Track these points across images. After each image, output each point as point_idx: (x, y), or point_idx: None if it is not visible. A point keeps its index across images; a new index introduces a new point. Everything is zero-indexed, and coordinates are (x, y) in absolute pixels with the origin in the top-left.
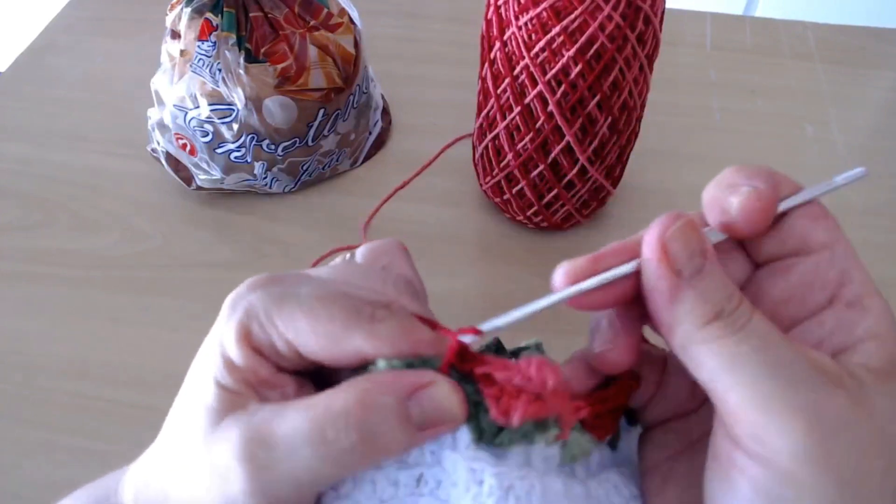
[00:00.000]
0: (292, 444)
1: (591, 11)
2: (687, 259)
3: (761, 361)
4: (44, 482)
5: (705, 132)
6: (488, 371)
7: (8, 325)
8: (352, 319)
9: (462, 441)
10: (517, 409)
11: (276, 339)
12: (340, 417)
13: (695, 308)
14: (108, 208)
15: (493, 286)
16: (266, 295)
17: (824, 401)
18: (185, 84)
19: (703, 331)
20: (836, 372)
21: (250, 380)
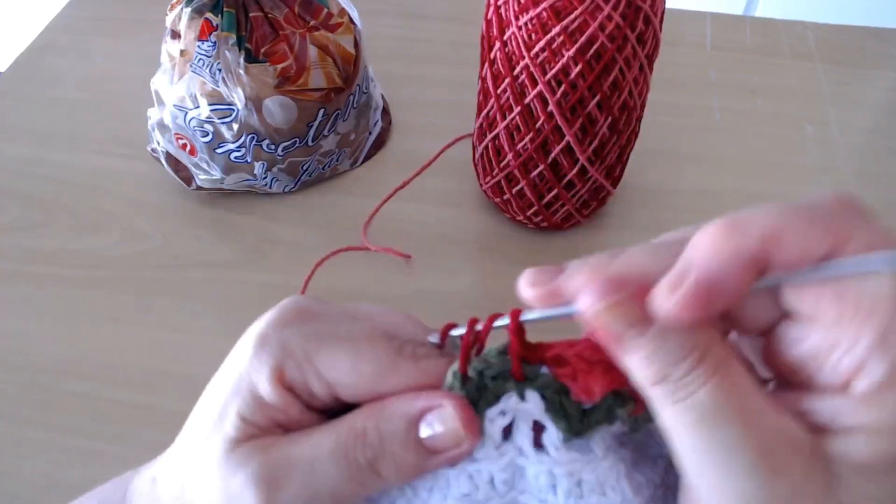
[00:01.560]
0: (313, 461)
1: (591, 11)
2: (623, 329)
3: (699, 440)
4: (44, 482)
5: (705, 132)
6: (557, 352)
7: (8, 325)
8: (392, 358)
9: (552, 442)
10: (596, 381)
11: (312, 380)
12: (359, 436)
13: (639, 370)
14: (108, 208)
15: (493, 286)
16: (303, 334)
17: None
18: (185, 84)
19: (649, 389)
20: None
21: (279, 418)
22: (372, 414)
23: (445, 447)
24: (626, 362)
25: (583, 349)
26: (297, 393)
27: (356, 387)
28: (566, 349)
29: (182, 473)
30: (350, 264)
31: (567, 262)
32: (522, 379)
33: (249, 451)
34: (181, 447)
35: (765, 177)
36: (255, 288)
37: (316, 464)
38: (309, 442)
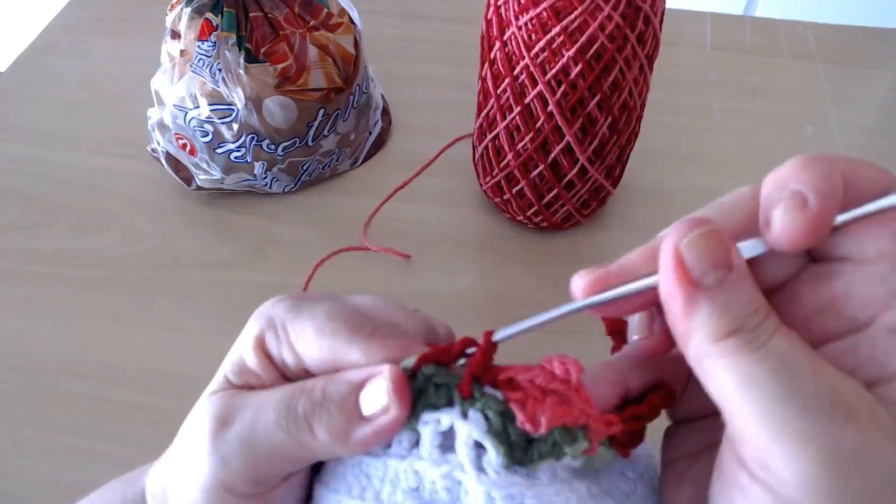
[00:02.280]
0: (259, 406)
1: (591, 11)
2: (705, 270)
3: (776, 385)
4: (44, 482)
5: (705, 132)
6: (510, 375)
7: (8, 325)
8: (350, 335)
9: (490, 464)
10: (544, 411)
11: (285, 350)
12: (305, 391)
13: (710, 321)
14: (108, 208)
15: (493, 286)
16: (286, 308)
17: (841, 435)
18: (185, 84)
19: (717, 345)
20: (865, 403)
21: (253, 382)
22: (324, 377)
23: (375, 414)
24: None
25: (537, 375)
26: (275, 362)
27: (317, 358)
28: (521, 373)
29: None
30: (350, 264)
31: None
32: (468, 395)
33: (215, 397)
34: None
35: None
36: (255, 288)
37: (261, 408)
38: (264, 392)
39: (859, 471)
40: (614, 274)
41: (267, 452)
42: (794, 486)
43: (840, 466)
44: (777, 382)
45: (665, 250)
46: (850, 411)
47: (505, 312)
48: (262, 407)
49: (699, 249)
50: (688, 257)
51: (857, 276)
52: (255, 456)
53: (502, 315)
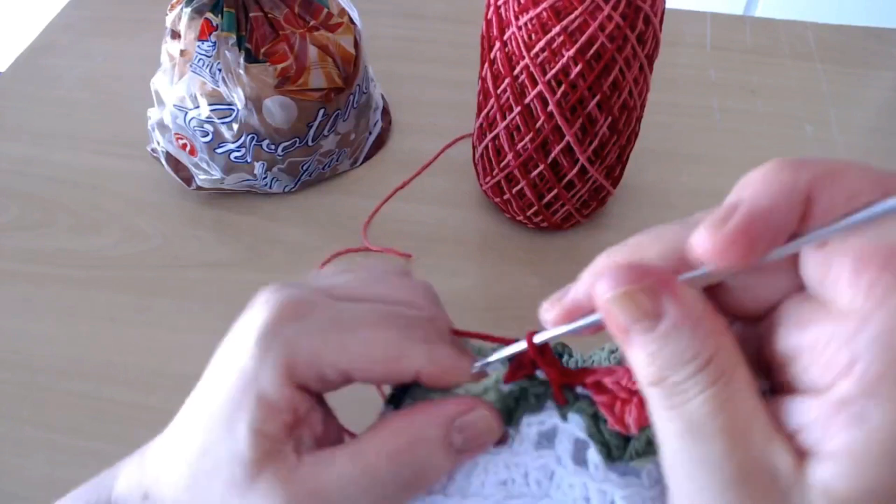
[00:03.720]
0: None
1: (591, 11)
2: (631, 321)
3: (679, 448)
4: (44, 482)
5: (705, 132)
6: (597, 379)
7: (8, 325)
8: (406, 343)
9: (592, 462)
10: (631, 412)
11: (327, 372)
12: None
13: (638, 366)
14: (108, 208)
15: (493, 286)
16: (307, 330)
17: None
18: (185, 84)
19: (646, 388)
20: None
21: (289, 421)
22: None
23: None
24: (629, 356)
25: (622, 376)
26: (310, 389)
27: (370, 371)
28: (605, 376)
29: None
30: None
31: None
32: (564, 403)
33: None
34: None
35: None
36: (255, 288)
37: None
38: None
39: None
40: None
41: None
42: None
43: None
44: (681, 446)
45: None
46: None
47: (505, 312)
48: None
49: (622, 306)
50: (614, 311)
51: (826, 333)
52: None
53: (502, 315)
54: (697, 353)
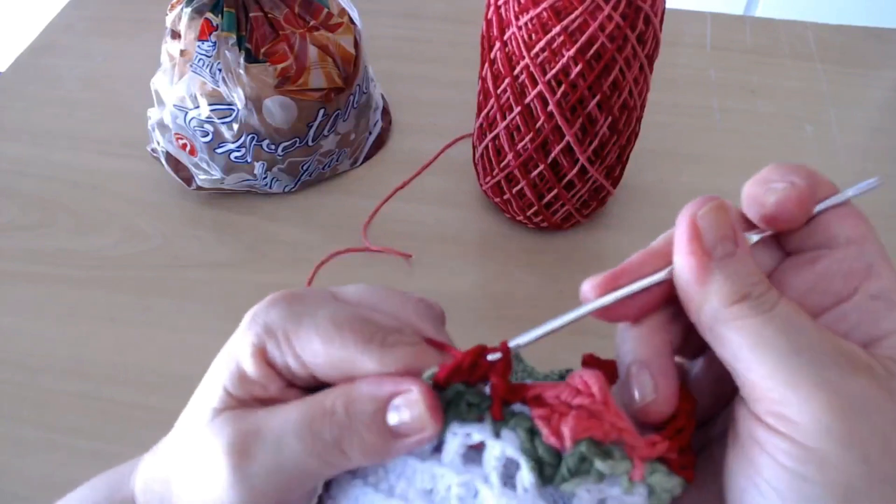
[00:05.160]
0: (281, 434)
1: (591, 11)
2: (718, 240)
3: (786, 341)
4: (44, 482)
5: (705, 132)
6: (538, 392)
7: (8, 325)
8: (363, 344)
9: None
10: (568, 422)
11: (290, 359)
12: (327, 413)
13: (723, 287)
14: (108, 208)
15: (493, 286)
16: (285, 313)
17: (849, 381)
18: (185, 84)
19: (730, 309)
20: (864, 359)
21: (258, 393)
22: (342, 393)
23: (409, 431)
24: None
25: (563, 391)
26: (278, 371)
27: (327, 368)
28: (548, 390)
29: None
30: (350, 265)
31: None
32: (500, 419)
33: (224, 420)
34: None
35: None
36: (255, 288)
37: (283, 437)
38: (279, 415)
39: (867, 415)
40: (621, 274)
41: (298, 478)
42: (809, 432)
43: (850, 412)
44: (787, 339)
45: (683, 222)
46: (854, 364)
47: (505, 312)
48: (285, 436)
49: (713, 221)
50: (703, 227)
51: (835, 258)
52: (286, 483)
53: (502, 315)
54: (760, 276)
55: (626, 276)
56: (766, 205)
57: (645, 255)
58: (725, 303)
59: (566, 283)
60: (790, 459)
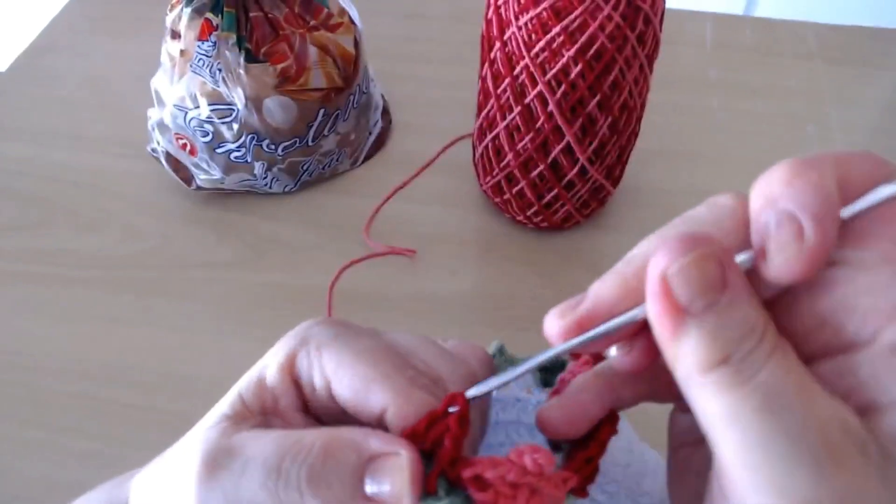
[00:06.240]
0: (249, 460)
1: (591, 11)
2: (694, 297)
3: (761, 425)
4: (44, 482)
5: (705, 132)
6: (478, 472)
7: (8, 325)
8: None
9: None
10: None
11: (315, 372)
12: (302, 452)
13: (697, 350)
14: (108, 208)
15: (493, 286)
16: (327, 330)
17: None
18: (185, 84)
19: (704, 377)
20: (855, 444)
21: (268, 403)
22: (326, 433)
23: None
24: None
25: (507, 470)
26: (300, 386)
27: (345, 389)
28: (488, 469)
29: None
30: (352, 266)
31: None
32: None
33: (213, 430)
34: None
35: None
36: (255, 288)
37: (249, 464)
38: (260, 440)
39: None
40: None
41: None
42: None
43: None
44: (761, 422)
45: (652, 277)
46: (838, 454)
47: (505, 312)
48: (252, 462)
49: (689, 277)
50: (676, 286)
51: (859, 286)
52: None
53: (502, 315)
54: (756, 324)
55: (598, 319)
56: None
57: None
58: (699, 370)
59: (566, 283)
60: None
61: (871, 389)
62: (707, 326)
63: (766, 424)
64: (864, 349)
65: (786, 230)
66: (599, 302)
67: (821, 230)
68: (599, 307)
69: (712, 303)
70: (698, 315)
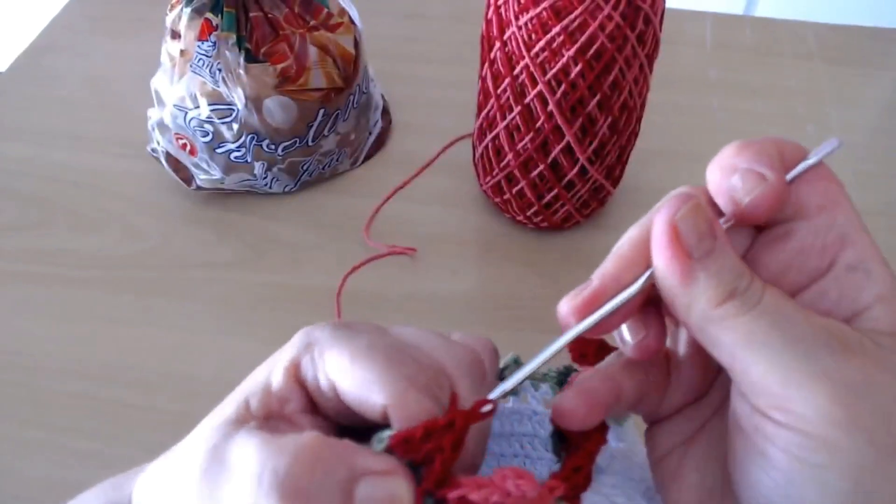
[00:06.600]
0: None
1: (591, 11)
2: (697, 241)
3: (778, 335)
4: (44, 482)
5: (705, 132)
6: (462, 493)
7: (8, 325)
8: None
9: None
10: None
11: (320, 373)
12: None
13: (708, 289)
14: (108, 208)
15: (493, 286)
16: (330, 332)
17: (844, 366)
18: (185, 84)
19: (718, 310)
20: (853, 337)
21: (273, 408)
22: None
23: None
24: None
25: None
26: (306, 389)
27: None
28: (473, 491)
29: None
30: (350, 265)
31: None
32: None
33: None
34: None
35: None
36: (255, 288)
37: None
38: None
39: (867, 397)
40: (601, 293)
41: None
42: (815, 423)
43: (850, 397)
44: (779, 333)
45: (661, 227)
46: (846, 345)
47: (505, 312)
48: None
49: (693, 222)
50: (683, 230)
51: (807, 232)
52: None
53: (502, 315)
54: (743, 267)
55: (606, 294)
56: (739, 203)
57: (618, 265)
58: (713, 304)
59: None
60: (801, 450)
61: (845, 302)
62: (711, 269)
63: (783, 334)
64: (826, 276)
65: (751, 177)
66: (605, 277)
67: (776, 174)
68: (606, 281)
69: (710, 249)
70: (701, 260)
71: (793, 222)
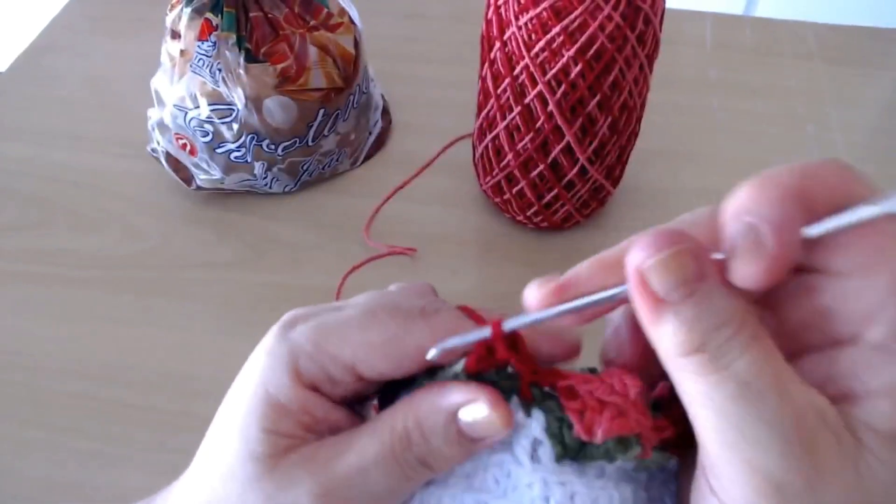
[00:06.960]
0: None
1: (591, 11)
2: (670, 289)
3: (735, 411)
4: (44, 482)
5: (705, 132)
6: (570, 384)
7: (8, 325)
8: (403, 320)
9: (546, 455)
10: (601, 424)
11: (330, 366)
12: (404, 439)
13: (677, 334)
14: (108, 208)
15: (493, 286)
16: (307, 329)
17: (793, 469)
18: (185, 84)
19: (681, 360)
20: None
21: (305, 421)
22: (410, 412)
23: (485, 437)
24: (660, 330)
25: (597, 387)
26: (318, 388)
27: (373, 359)
28: (580, 383)
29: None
30: (350, 265)
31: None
32: (530, 400)
33: (292, 468)
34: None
35: None
36: (255, 288)
37: (367, 473)
38: (354, 451)
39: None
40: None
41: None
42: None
43: (785, 499)
44: (735, 408)
45: (628, 270)
46: (810, 443)
47: (505, 313)
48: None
49: (664, 272)
50: (651, 279)
51: (840, 291)
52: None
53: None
54: (733, 315)
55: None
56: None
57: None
58: (676, 354)
59: None
60: None
61: (849, 380)
62: (683, 315)
63: (740, 410)
64: (846, 347)
65: (748, 239)
66: (574, 274)
67: (779, 241)
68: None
69: (689, 293)
70: (676, 304)
71: (829, 275)
